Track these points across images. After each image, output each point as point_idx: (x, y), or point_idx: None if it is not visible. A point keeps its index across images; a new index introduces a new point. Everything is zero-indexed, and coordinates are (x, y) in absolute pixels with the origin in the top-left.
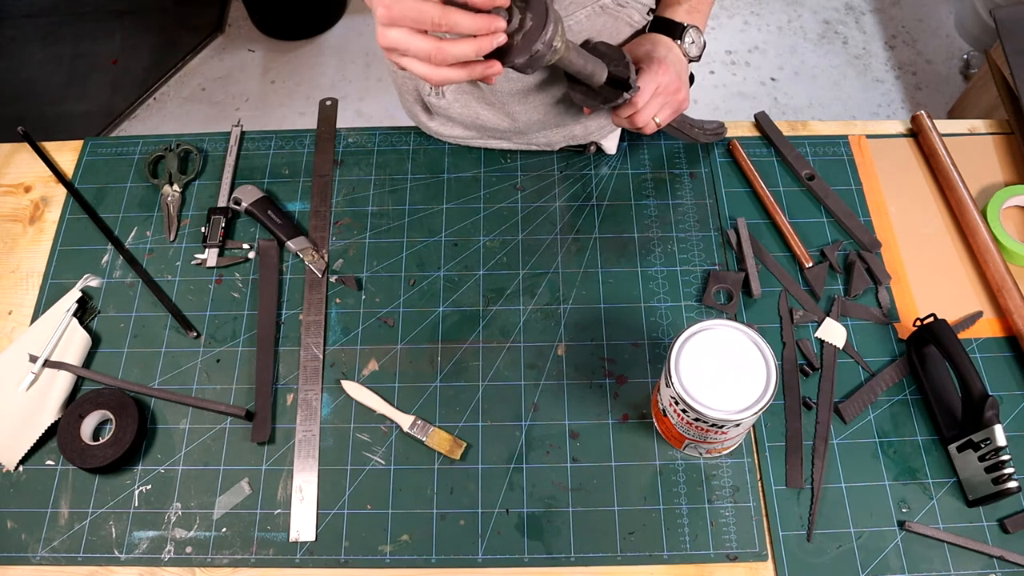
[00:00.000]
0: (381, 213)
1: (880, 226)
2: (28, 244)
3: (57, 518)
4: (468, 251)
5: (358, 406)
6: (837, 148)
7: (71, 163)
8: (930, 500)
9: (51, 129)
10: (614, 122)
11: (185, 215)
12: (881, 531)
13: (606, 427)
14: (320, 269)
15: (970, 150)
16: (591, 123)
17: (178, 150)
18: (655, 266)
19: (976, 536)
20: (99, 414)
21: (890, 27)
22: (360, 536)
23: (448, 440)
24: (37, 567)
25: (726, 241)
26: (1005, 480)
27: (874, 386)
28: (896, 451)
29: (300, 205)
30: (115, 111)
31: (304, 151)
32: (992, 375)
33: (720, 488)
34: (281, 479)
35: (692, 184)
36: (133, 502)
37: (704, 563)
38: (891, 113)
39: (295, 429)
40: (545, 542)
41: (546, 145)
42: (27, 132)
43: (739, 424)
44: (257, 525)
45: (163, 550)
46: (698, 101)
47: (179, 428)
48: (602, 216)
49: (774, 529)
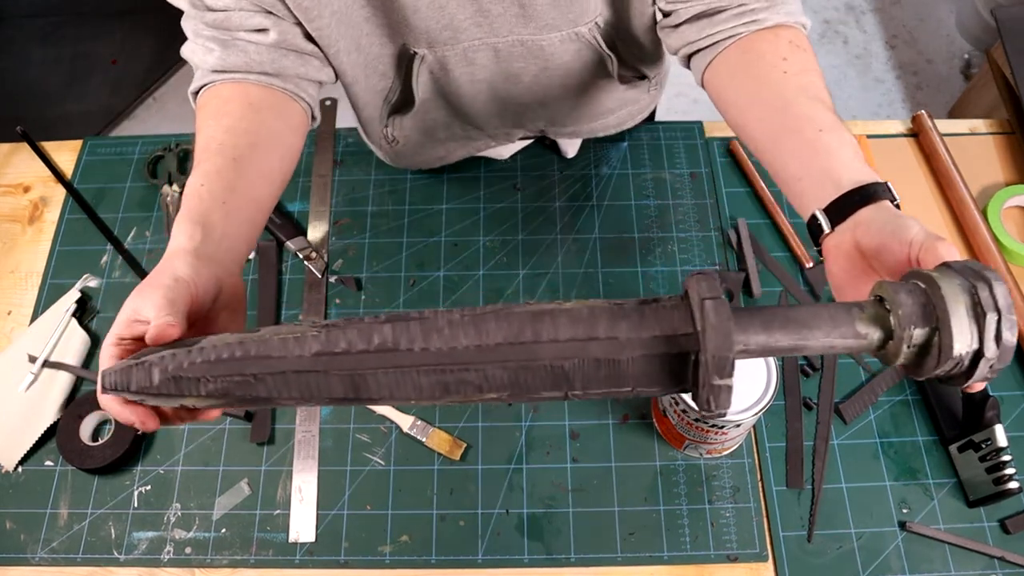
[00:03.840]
0: (381, 213)
1: None
2: (27, 244)
3: (56, 519)
4: (468, 251)
5: (358, 406)
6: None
7: (70, 163)
8: (931, 501)
9: (50, 129)
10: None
11: None
12: (882, 532)
13: (606, 427)
14: (319, 269)
15: (971, 150)
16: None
17: (177, 150)
18: (655, 266)
19: (977, 537)
20: (98, 414)
21: (891, 27)
22: (360, 537)
23: (448, 440)
24: (36, 568)
25: (726, 241)
26: (1006, 480)
27: (875, 386)
28: (897, 451)
29: (300, 205)
30: (115, 111)
31: (304, 151)
32: None
33: (720, 488)
34: (281, 480)
35: (692, 184)
36: (132, 503)
37: (704, 564)
38: (892, 113)
39: (295, 429)
40: (545, 543)
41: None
42: (26, 132)
43: (739, 424)
44: (257, 526)
45: (162, 551)
46: (698, 101)
47: (178, 428)
48: (602, 216)
49: (774, 529)
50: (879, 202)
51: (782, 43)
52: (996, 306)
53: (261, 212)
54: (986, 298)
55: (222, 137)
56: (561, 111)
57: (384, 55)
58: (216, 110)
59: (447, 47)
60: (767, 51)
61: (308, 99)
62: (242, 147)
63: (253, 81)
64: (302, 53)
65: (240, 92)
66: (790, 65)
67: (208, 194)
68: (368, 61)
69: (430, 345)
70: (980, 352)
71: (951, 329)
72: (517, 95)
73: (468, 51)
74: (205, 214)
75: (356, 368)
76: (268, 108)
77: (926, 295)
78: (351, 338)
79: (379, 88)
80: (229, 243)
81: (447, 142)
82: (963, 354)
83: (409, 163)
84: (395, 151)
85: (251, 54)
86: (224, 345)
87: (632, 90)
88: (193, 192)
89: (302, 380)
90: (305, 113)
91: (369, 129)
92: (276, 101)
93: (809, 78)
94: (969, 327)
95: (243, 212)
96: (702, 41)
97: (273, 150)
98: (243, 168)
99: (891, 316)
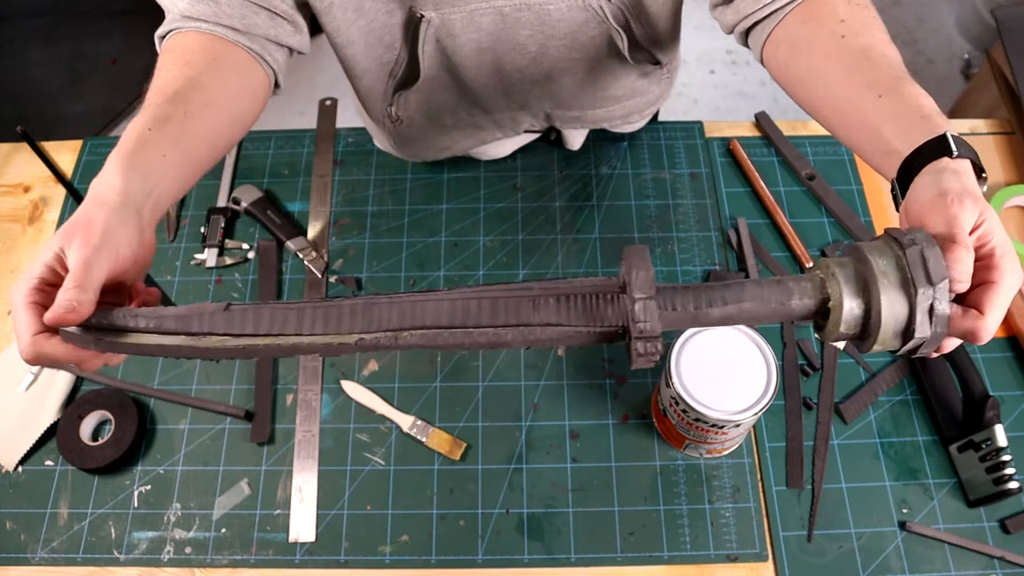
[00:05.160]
0: (381, 213)
1: (881, 226)
2: (27, 244)
3: (56, 519)
4: (468, 251)
5: (358, 406)
6: (838, 148)
7: (70, 163)
8: (931, 501)
9: (50, 129)
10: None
11: (184, 215)
12: (882, 532)
13: (606, 427)
14: (320, 269)
15: None
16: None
17: None
18: (655, 266)
19: (977, 537)
20: (98, 414)
21: (891, 27)
22: (360, 537)
23: (448, 440)
24: (36, 568)
25: (726, 241)
26: (1006, 480)
27: (875, 386)
28: (897, 451)
29: (300, 205)
30: (114, 111)
31: (304, 151)
32: (993, 375)
33: (720, 488)
34: (281, 479)
35: (692, 184)
36: (132, 502)
37: (704, 563)
38: None
39: (295, 429)
40: (545, 543)
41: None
42: (26, 132)
43: (739, 424)
44: (257, 526)
45: (162, 551)
46: (698, 101)
47: (179, 428)
48: (602, 216)
49: (774, 530)
50: (932, 163)
51: (839, 4)
52: (928, 278)
53: (195, 174)
54: (918, 273)
55: (179, 87)
56: (567, 89)
57: (391, 24)
58: (179, 58)
59: (454, 8)
60: (826, 16)
61: (273, 64)
62: (196, 103)
63: (220, 35)
64: (273, 13)
65: (206, 44)
66: (848, 27)
67: (153, 142)
68: (372, 28)
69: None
70: (910, 327)
71: (880, 303)
72: (523, 67)
73: (475, 14)
74: (146, 163)
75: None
76: (231, 67)
77: (859, 270)
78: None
79: (385, 60)
80: (157, 199)
81: (452, 131)
82: (894, 327)
83: (413, 152)
84: (399, 134)
85: (221, 4)
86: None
87: (642, 79)
88: (138, 134)
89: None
90: (268, 78)
91: (371, 107)
92: (240, 61)
93: (870, 36)
94: (900, 299)
95: (179, 170)
96: (758, 13)
97: (225, 111)
98: (191, 125)
99: (828, 288)
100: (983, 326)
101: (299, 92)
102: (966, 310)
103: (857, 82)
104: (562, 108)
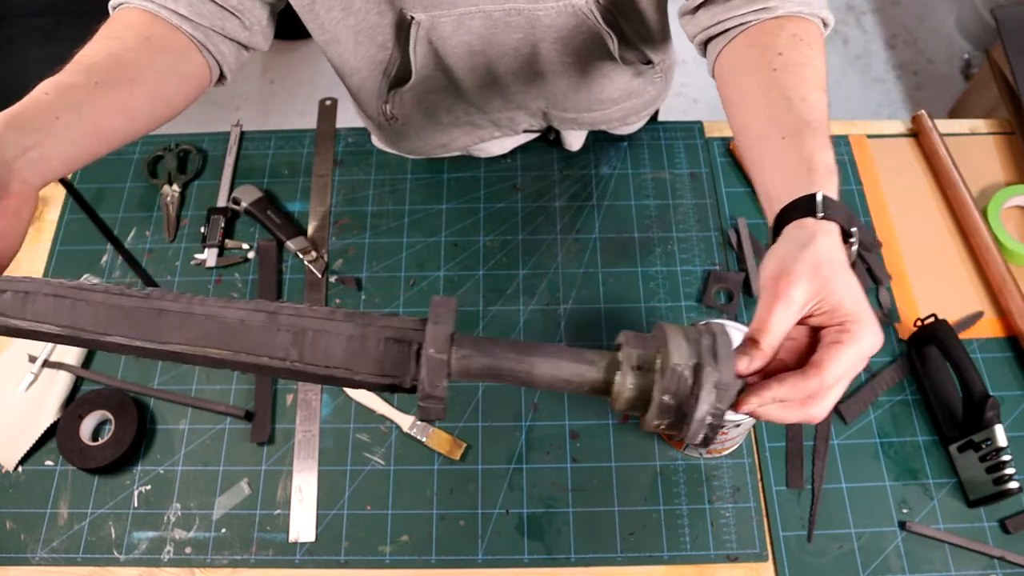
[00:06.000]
0: (381, 213)
1: (880, 226)
2: (27, 244)
3: (56, 518)
4: (468, 251)
5: (358, 406)
6: (837, 148)
7: None
8: (931, 500)
9: None
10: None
11: (184, 215)
12: (882, 532)
13: (606, 427)
14: (320, 269)
15: (971, 150)
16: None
17: (177, 150)
18: (655, 266)
19: (977, 537)
20: (98, 414)
21: (891, 27)
22: (360, 536)
23: (448, 440)
24: (36, 567)
25: (726, 241)
26: (1006, 480)
27: (875, 386)
28: (897, 451)
29: (299, 205)
30: None
31: (304, 151)
32: (993, 375)
33: (720, 488)
34: (281, 479)
35: (692, 184)
36: (132, 502)
37: (704, 563)
38: (892, 113)
39: (295, 429)
40: (545, 543)
41: (509, 123)
42: None
43: (739, 424)
44: (257, 525)
45: (162, 551)
46: (698, 101)
47: (178, 428)
48: (602, 216)
49: (774, 530)
50: (797, 220)
51: (784, 36)
52: (715, 358)
53: (101, 142)
54: (707, 355)
55: (97, 58)
56: (562, 91)
57: (383, 24)
58: (111, 32)
59: (442, 11)
60: (768, 44)
61: (217, 55)
62: (114, 76)
63: (164, 18)
64: (223, 8)
65: (144, 24)
66: (784, 60)
67: (45, 104)
68: (362, 28)
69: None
70: (691, 407)
71: (667, 368)
72: (516, 69)
73: (464, 17)
74: (32, 122)
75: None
76: (164, 48)
77: (654, 345)
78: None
79: (378, 59)
80: (40, 155)
81: (449, 128)
82: (674, 401)
83: (410, 147)
84: (395, 131)
85: None
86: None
87: (637, 79)
88: (32, 97)
89: None
90: (206, 67)
91: (366, 105)
92: (177, 45)
93: (799, 76)
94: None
95: (74, 133)
96: (714, 28)
97: (146, 89)
98: (101, 95)
99: (619, 354)
100: (819, 381)
101: (299, 92)
102: (804, 370)
103: (769, 118)
104: (558, 109)
